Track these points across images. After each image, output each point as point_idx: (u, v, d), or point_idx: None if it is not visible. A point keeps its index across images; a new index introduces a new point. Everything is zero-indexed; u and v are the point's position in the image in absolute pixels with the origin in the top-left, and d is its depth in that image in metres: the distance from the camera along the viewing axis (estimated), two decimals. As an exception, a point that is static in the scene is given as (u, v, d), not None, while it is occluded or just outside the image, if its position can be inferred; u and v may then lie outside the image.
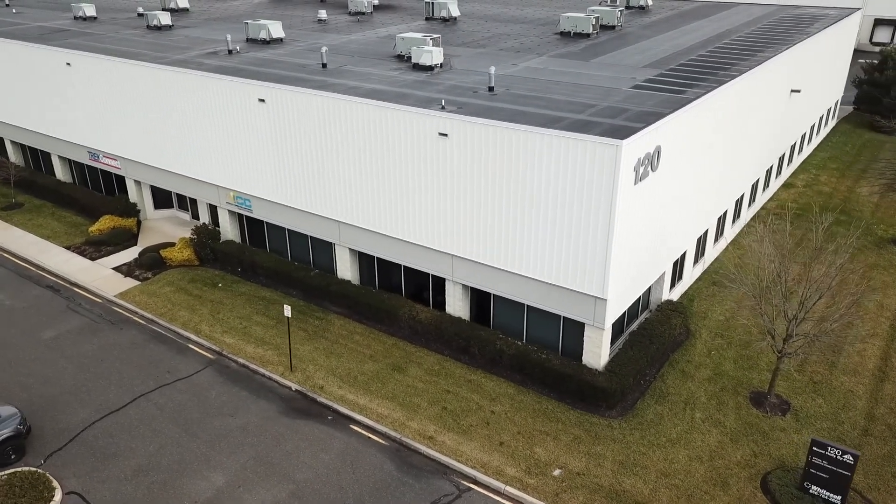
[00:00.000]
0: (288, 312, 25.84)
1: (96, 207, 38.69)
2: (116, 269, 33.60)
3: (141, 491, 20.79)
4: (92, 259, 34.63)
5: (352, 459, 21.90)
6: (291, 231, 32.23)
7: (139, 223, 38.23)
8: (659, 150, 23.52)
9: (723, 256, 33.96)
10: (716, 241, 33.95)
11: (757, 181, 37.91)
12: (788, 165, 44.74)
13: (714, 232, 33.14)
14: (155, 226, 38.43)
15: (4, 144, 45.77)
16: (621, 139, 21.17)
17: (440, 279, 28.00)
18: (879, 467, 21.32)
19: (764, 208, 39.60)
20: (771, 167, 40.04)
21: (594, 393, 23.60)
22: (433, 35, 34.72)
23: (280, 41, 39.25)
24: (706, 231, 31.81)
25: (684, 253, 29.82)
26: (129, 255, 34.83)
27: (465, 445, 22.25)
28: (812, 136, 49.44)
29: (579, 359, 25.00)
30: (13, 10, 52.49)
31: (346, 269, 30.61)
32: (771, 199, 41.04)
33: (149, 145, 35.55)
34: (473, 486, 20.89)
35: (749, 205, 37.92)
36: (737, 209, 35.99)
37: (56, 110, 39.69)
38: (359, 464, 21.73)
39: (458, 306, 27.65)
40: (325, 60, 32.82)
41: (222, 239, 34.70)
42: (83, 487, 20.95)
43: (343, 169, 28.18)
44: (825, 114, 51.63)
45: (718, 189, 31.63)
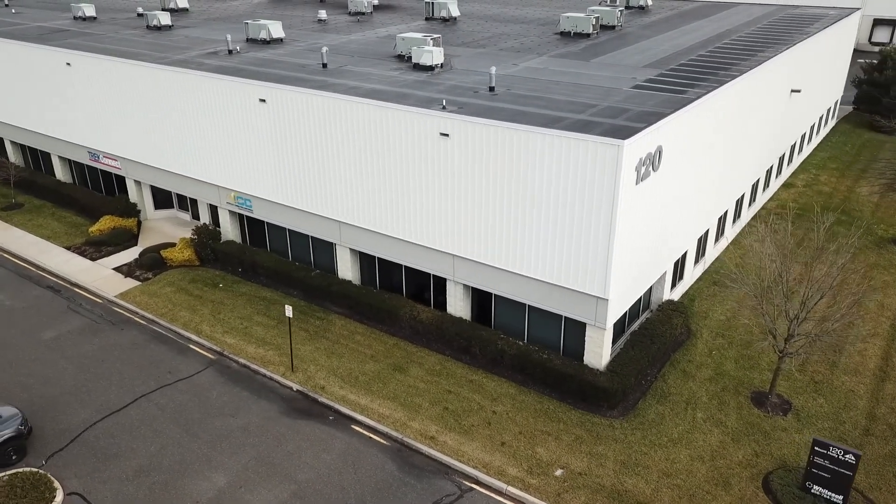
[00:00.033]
0: (289, 312, 25.84)
1: (96, 208, 38.65)
2: (117, 270, 33.58)
3: (142, 491, 20.77)
4: (92, 259, 34.61)
5: (353, 460, 21.90)
6: (292, 231, 32.22)
7: (139, 223, 38.19)
8: (660, 150, 23.53)
9: (723, 256, 33.99)
10: (716, 241, 33.97)
11: (757, 181, 37.93)
12: (788, 165, 44.78)
13: (715, 232, 33.16)
14: (155, 226, 38.40)
15: (4, 145, 45.71)
16: (623, 139, 21.17)
17: (441, 279, 27.99)
18: (881, 467, 21.33)
19: (764, 208, 39.62)
20: (771, 167, 40.06)
21: (596, 393, 23.60)
22: (433, 35, 34.70)
23: (280, 41, 39.23)
24: (707, 231, 31.82)
25: (685, 253, 29.83)
26: (130, 256, 34.80)
27: (467, 445, 22.25)
28: (812, 136, 49.48)
29: (581, 359, 25.00)
30: (12, 11, 52.43)
31: (347, 270, 30.60)
32: (771, 199, 41.06)
33: (149, 145, 35.53)
34: (475, 487, 20.89)
35: (749, 205, 37.95)
36: (737, 209, 36.01)
37: (56, 110, 39.65)
38: (360, 464, 21.72)
39: (460, 306, 27.65)
40: (326, 60, 32.81)
41: (223, 239, 34.68)
42: (84, 488, 20.93)
43: (344, 169, 28.17)
44: (825, 114, 51.67)
45: (719, 189, 31.65)
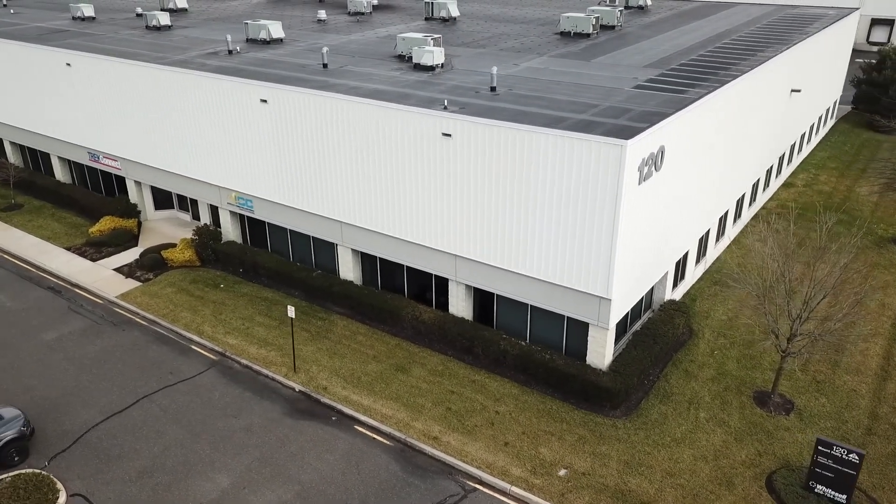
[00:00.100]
0: (292, 313, 25.81)
1: (96, 208, 38.57)
2: (117, 270, 33.52)
3: (145, 493, 20.74)
4: (93, 260, 34.55)
5: (357, 460, 21.88)
6: (293, 231, 32.18)
7: (140, 224, 38.11)
8: (662, 150, 23.53)
9: (724, 256, 34.02)
10: (717, 241, 34.00)
11: (757, 181, 37.97)
12: (788, 165, 44.82)
13: (716, 231, 33.18)
14: (155, 227, 38.34)
15: (3, 145, 45.59)
16: (626, 139, 21.17)
17: (443, 279, 27.97)
18: (884, 466, 21.36)
19: (764, 208, 39.65)
20: (771, 167, 40.10)
21: (598, 393, 23.61)
22: (434, 35, 34.70)
23: (280, 41, 39.19)
24: (708, 231, 31.84)
25: (686, 252, 29.85)
26: (130, 256, 34.74)
27: (470, 446, 22.24)
28: (811, 136, 49.54)
29: (583, 359, 25.00)
30: (11, 11, 52.32)
31: (349, 270, 30.57)
32: (771, 199, 41.11)
33: (149, 146, 35.47)
34: (479, 487, 20.89)
35: (750, 204, 37.98)
36: (738, 209, 36.05)
37: (55, 111, 39.57)
38: (364, 464, 21.71)
39: (462, 306, 27.64)
40: (326, 60, 32.78)
41: (224, 240, 34.64)
42: (87, 489, 20.90)
43: (345, 169, 28.14)
44: (824, 113, 51.74)
45: (720, 189, 31.67)
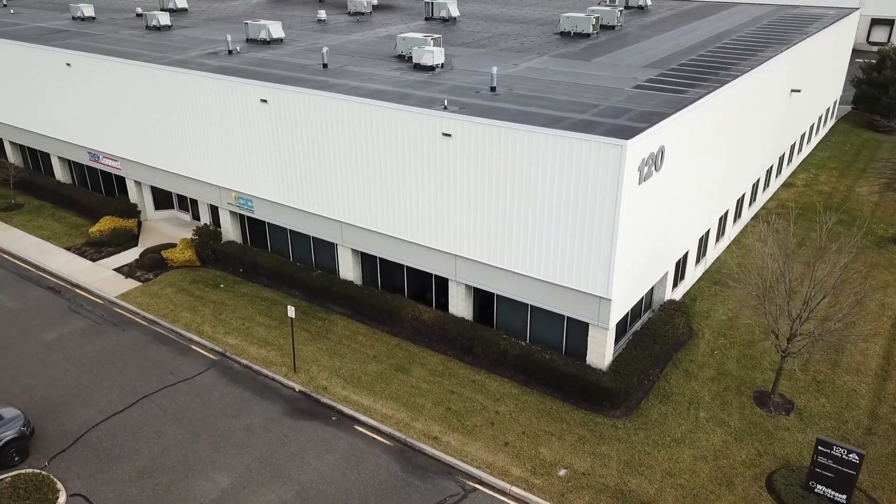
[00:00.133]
0: (292, 313, 25.81)
1: (96, 208, 38.57)
2: (117, 271, 33.51)
3: (145, 493, 20.74)
4: (93, 260, 34.55)
5: (357, 460, 21.88)
6: (293, 231, 32.18)
7: (140, 224, 38.11)
8: (662, 150, 23.53)
9: (724, 256, 34.02)
10: (717, 241, 34.00)
11: (757, 181, 37.97)
12: (788, 165, 44.82)
13: (716, 231, 33.18)
14: (155, 227, 38.34)
15: (3, 145, 45.60)
16: (626, 139, 21.17)
17: (443, 279, 27.97)
18: (884, 466, 21.36)
19: (764, 208, 39.66)
20: (771, 167, 40.10)
21: (598, 393, 23.61)
22: (434, 35, 34.69)
23: (280, 41, 39.19)
24: (708, 231, 31.84)
25: (686, 252, 29.85)
26: (130, 256, 34.74)
27: (470, 446, 22.24)
28: (811, 136, 49.55)
29: (583, 359, 25.00)
30: (11, 11, 52.32)
31: (349, 270, 30.57)
32: (771, 199, 41.11)
33: (149, 146, 35.47)
34: (479, 487, 20.89)
35: (750, 204, 37.98)
36: (738, 209, 36.05)
37: (55, 111, 39.57)
38: (364, 464, 21.71)
39: (462, 306, 27.64)
40: (326, 61, 32.78)
41: (224, 240, 34.63)
42: (87, 489, 20.90)
43: (346, 169, 28.14)
44: (824, 113, 51.74)
45: (720, 189, 31.67)
